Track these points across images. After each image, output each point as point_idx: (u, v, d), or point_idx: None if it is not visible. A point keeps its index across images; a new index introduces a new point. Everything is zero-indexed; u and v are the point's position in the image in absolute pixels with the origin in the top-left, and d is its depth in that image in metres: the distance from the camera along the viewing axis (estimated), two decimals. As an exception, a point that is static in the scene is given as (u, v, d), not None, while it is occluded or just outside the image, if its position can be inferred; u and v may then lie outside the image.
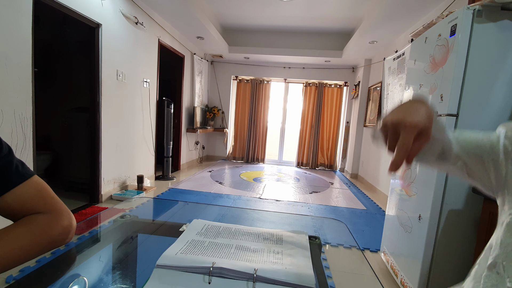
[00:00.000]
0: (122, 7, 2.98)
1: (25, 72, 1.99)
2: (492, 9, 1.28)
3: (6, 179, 0.46)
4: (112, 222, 0.88)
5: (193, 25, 3.96)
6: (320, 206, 3.38)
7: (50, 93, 3.73)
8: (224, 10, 4.27)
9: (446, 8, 2.66)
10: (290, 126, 6.47)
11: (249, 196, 3.60)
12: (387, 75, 3.87)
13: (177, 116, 4.65)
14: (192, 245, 0.62)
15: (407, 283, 1.58)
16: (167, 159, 4.15)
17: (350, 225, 2.82)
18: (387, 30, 3.60)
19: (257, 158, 6.37)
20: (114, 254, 0.74)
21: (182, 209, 1.40)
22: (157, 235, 0.84)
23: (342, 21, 4.40)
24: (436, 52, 1.52)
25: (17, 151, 1.97)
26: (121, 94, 3.11)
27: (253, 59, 5.75)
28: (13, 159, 0.47)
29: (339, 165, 6.09)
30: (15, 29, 1.88)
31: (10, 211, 0.46)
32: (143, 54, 3.48)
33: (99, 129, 2.81)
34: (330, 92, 6.04)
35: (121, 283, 0.60)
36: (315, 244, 0.74)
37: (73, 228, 0.51)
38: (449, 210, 1.41)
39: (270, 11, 4.16)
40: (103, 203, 2.93)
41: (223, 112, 6.26)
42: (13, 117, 1.93)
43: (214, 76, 6.22)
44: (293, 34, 5.07)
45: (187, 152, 5.24)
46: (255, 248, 0.63)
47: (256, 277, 0.51)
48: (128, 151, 3.37)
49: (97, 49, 2.72)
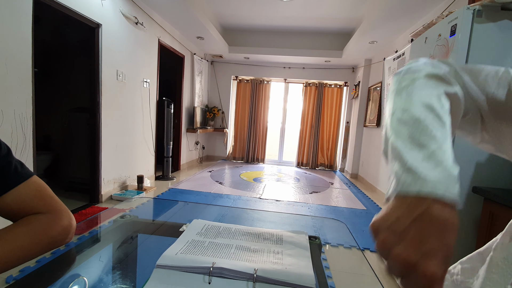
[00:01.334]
0: (122, 7, 2.98)
1: (25, 72, 1.99)
2: (492, 9, 1.28)
3: (5, 179, 0.46)
4: (112, 222, 0.88)
5: (193, 25, 3.96)
6: (320, 206, 3.37)
7: (50, 93, 3.74)
8: (224, 10, 4.27)
9: (446, 8, 2.66)
10: (290, 126, 6.47)
11: (249, 196, 3.60)
12: (387, 75, 3.87)
13: (177, 116, 4.66)
14: (192, 245, 0.62)
15: (407, 283, 1.57)
16: (167, 159, 4.16)
17: (350, 225, 2.82)
18: (387, 30, 3.60)
19: (257, 158, 6.37)
20: (114, 254, 0.74)
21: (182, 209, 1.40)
22: (157, 235, 0.84)
23: (342, 21, 4.40)
24: (436, 52, 1.52)
25: (17, 151, 1.97)
26: (121, 94, 3.12)
27: (253, 59, 5.75)
28: (12, 159, 0.47)
29: (339, 165, 6.09)
30: (15, 29, 1.89)
31: (10, 211, 0.46)
32: (143, 54, 3.48)
33: (99, 129, 2.81)
34: (330, 92, 6.04)
35: (121, 283, 0.59)
36: (315, 244, 0.74)
37: (72, 228, 0.51)
38: (449, 210, 1.41)
39: (270, 11, 4.16)
40: (103, 203, 2.93)
41: (223, 112, 6.26)
42: (13, 117, 1.93)
43: (214, 76, 6.22)
44: (293, 34, 5.07)
45: (187, 152, 5.24)
46: (255, 248, 0.63)
47: (256, 277, 0.51)
48: (128, 151, 3.37)
49: (97, 49, 2.72)
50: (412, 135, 0.34)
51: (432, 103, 0.36)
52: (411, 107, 0.36)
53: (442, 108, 0.36)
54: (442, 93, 0.38)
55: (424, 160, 0.31)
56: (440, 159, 0.31)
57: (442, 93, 0.38)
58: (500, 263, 0.40)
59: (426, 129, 0.34)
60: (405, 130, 0.35)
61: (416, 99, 0.37)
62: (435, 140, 0.33)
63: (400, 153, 0.33)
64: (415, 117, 0.35)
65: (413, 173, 0.30)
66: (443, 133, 0.34)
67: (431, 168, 0.30)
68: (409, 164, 0.31)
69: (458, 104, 0.40)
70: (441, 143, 0.33)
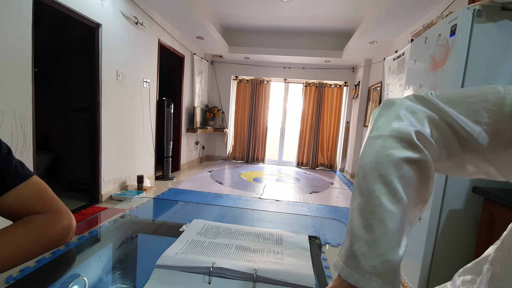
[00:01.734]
0: (122, 7, 2.98)
1: (25, 72, 1.99)
2: (492, 9, 1.28)
3: (5, 179, 0.46)
4: (112, 222, 0.88)
5: (193, 25, 3.96)
6: (320, 206, 3.37)
7: (50, 93, 3.73)
8: (224, 10, 4.27)
9: (446, 8, 2.66)
10: (290, 126, 6.47)
11: (249, 196, 3.60)
12: (387, 75, 3.87)
13: (177, 116, 4.66)
14: (192, 245, 0.62)
15: (407, 283, 1.58)
16: (167, 159, 4.16)
17: (350, 225, 2.81)
18: (387, 30, 3.60)
19: (257, 158, 6.37)
20: (114, 254, 0.74)
21: (182, 209, 1.40)
22: (157, 235, 0.84)
23: (342, 21, 4.40)
24: (436, 52, 1.52)
25: (17, 151, 1.97)
26: (121, 94, 3.11)
27: (253, 59, 5.75)
28: (12, 159, 0.47)
29: (339, 165, 6.09)
30: (15, 29, 1.88)
31: (10, 211, 0.46)
32: (143, 54, 3.48)
33: (99, 129, 2.81)
34: (330, 92, 6.04)
35: (121, 283, 0.59)
36: (315, 244, 0.74)
37: (73, 228, 0.51)
38: (449, 210, 1.41)
39: (270, 11, 4.16)
40: (103, 203, 2.93)
41: (223, 112, 6.26)
42: (13, 117, 1.93)
43: (214, 76, 6.22)
44: (293, 34, 5.07)
45: (187, 152, 5.24)
46: (255, 248, 0.63)
47: (256, 277, 0.51)
48: (128, 151, 3.37)
49: (97, 49, 2.72)
50: (363, 211, 0.34)
51: (389, 175, 0.34)
52: (369, 174, 0.35)
53: (400, 180, 0.34)
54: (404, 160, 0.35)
55: (367, 247, 0.33)
56: (382, 248, 0.32)
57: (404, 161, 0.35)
58: (499, 277, 0.38)
59: (377, 208, 0.33)
60: (360, 201, 0.35)
61: (376, 166, 0.35)
62: (383, 224, 0.32)
63: (351, 229, 0.35)
64: (370, 189, 0.34)
65: (355, 261, 0.33)
66: (395, 212, 0.33)
67: (371, 258, 0.32)
68: (354, 248, 0.33)
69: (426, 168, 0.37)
70: (387, 227, 0.32)
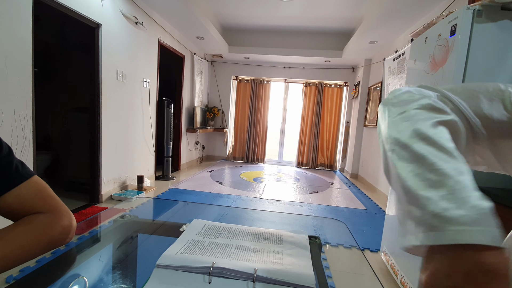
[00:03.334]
0: (122, 7, 2.98)
1: (25, 72, 1.99)
2: (492, 9, 1.28)
3: (6, 179, 0.46)
4: (112, 222, 0.88)
5: (193, 25, 3.96)
6: (320, 206, 3.38)
7: (50, 93, 3.73)
8: (224, 10, 4.27)
9: (446, 8, 2.66)
10: (290, 126, 6.47)
11: (249, 196, 3.60)
12: (387, 75, 3.87)
13: (177, 116, 4.66)
14: (192, 245, 0.62)
15: (407, 283, 1.58)
16: (167, 159, 4.16)
17: (350, 225, 2.82)
18: (387, 30, 3.60)
19: (257, 158, 6.37)
20: (114, 254, 0.74)
21: (182, 209, 1.40)
22: (157, 235, 0.84)
23: (342, 21, 4.40)
24: (436, 52, 1.52)
25: (17, 151, 1.97)
26: (121, 94, 3.11)
27: (253, 59, 5.75)
28: (13, 159, 0.47)
29: (339, 165, 6.09)
30: (15, 29, 1.88)
31: (10, 211, 0.46)
32: (143, 54, 3.48)
33: (99, 129, 2.81)
34: (330, 92, 6.04)
35: (121, 283, 0.60)
36: (315, 244, 0.74)
37: (73, 228, 0.51)
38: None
39: (270, 11, 4.16)
40: (103, 203, 2.93)
41: (223, 112, 6.26)
42: (13, 117, 1.93)
43: (214, 76, 6.22)
44: (293, 34, 5.07)
45: (187, 152, 5.24)
46: (255, 248, 0.63)
47: (256, 277, 0.51)
48: (128, 151, 3.37)
49: (97, 49, 2.72)
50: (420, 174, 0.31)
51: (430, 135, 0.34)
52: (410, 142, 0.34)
53: (442, 138, 0.34)
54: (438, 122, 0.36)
55: (444, 201, 0.28)
56: (462, 197, 0.28)
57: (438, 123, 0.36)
58: None
59: (435, 165, 0.31)
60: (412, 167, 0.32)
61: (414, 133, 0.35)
62: (448, 176, 0.30)
63: (415, 196, 0.31)
64: (417, 154, 0.33)
65: (439, 220, 0.28)
66: (454, 165, 0.31)
67: (456, 209, 0.28)
68: (431, 209, 0.29)
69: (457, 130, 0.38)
70: (456, 178, 0.30)
